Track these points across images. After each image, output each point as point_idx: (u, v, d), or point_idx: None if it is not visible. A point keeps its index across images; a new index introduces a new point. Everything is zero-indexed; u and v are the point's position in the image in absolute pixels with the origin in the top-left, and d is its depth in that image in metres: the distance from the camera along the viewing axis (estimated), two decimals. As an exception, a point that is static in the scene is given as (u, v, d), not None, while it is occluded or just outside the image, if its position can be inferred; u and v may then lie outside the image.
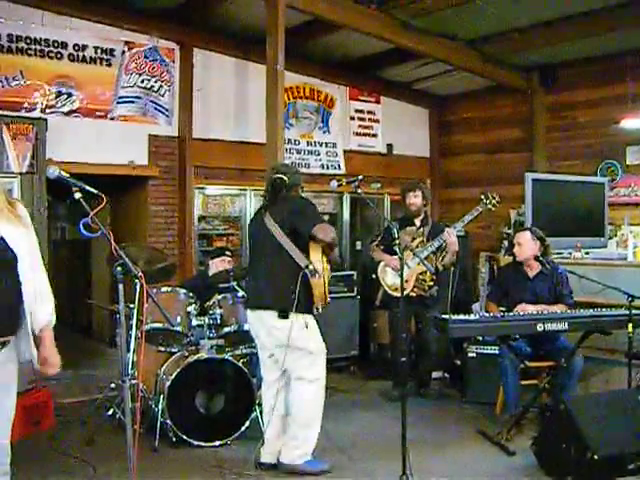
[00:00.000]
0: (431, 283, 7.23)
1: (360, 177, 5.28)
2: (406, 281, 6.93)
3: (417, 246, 7.14)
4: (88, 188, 3.40)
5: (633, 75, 9.10)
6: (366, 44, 9.31)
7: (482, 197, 7.19)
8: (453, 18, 8.38)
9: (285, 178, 5.25)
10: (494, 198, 7.14)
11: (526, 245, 6.42)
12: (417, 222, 7.33)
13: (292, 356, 5.06)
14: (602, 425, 4.84)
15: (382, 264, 7.26)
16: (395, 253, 6.79)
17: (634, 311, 5.57)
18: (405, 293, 6.79)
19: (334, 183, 5.34)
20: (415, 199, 7.32)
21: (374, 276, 7.43)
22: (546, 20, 8.49)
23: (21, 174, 7.55)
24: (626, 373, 5.75)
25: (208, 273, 6.92)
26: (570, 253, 8.09)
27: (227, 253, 7.05)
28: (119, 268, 3.36)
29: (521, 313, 5.96)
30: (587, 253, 8.14)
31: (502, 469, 5.30)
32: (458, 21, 8.53)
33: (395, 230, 5.09)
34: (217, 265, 6.89)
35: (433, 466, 5.31)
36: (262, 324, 5.14)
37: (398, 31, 8.55)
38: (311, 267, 4.96)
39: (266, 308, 5.11)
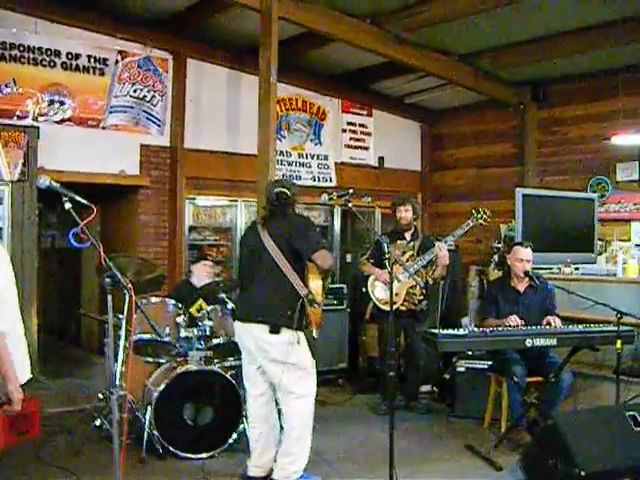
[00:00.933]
0: (421, 297, 7.23)
1: (350, 191, 5.27)
2: (396, 295, 6.93)
3: (407, 260, 7.14)
4: (78, 198, 3.39)
5: (625, 92, 9.13)
6: (359, 57, 9.34)
7: (473, 211, 7.20)
8: (446, 32, 8.43)
9: (288, 193, 5.20)
10: (485, 213, 7.14)
11: (530, 260, 6.43)
12: (407, 236, 7.34)
13: (284, 371, 5.04)
14: (590, 441, 4.83)
15: (372, 278, 7.24)
16: (385, 267, 6.83)
17: (622, 327, 5.58)
18: (395, 307, 6.79)
19: (325, 197, 5.33)
20: (406, 213, 7.33)
21: (364, 290, 7.42)
22: (539, 36, 8.53)
23: (12, 182, 7.55)
24: (614, 389, 5.74)
25: (192, 279, 6.92)
26: (559, 268, 8.11)
27: (208, 257, 7.11)
28: (108, 279, 3.35)
29: (512, 325, 5.96)
30: (577, 269, 8.15)
31: (490, 484, 5.30)
32: (451, 36, 8.58)
33: (385, 244, 5.09)
34: (200, 269, 6.90)
35: (420, 480, 5.31)
36: (251, 337, 5.09)
37: (391, 45, 8.58)
38: (310, 297, 4.95)
39: (257, 322, 5.05)
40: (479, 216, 7.14)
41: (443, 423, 7.04)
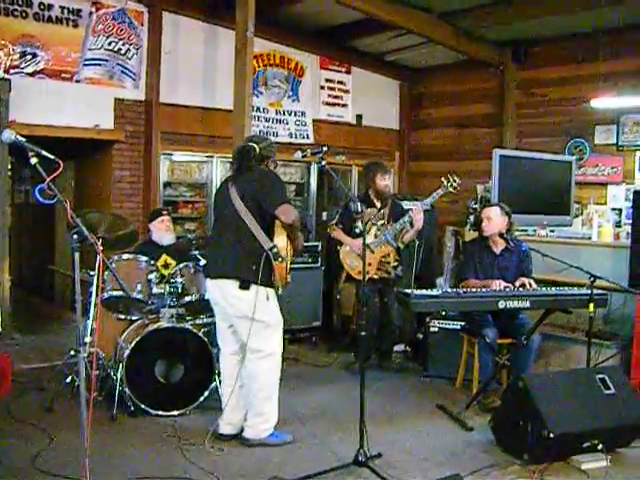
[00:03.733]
0: (395, 264, 7.21)
1: (325, 148, 5.20)
2: (369, 264, 6.89)
3: (379, 229, 7.11)
4: (44, 153, 3.32)
5: (605, 54, 9.07)
6: (338, 13, 9.20)
7: (443, 179, 7.12)
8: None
9: (256, 147, 5.13)
10: (455, 181, 7.05)
11: (495, 220, 6.42)
12: (377, 204, 7.28)
13: (252, 328, 5.02)
14: (559, 403, 4.87)
15: (344, 247, 7.19)
16: (355, 234, 6.82)
17: (595, 291, 5.58)
18: (368, 277, 6.78)
19: (298, 154, 5.29)
20: (389, 181, 7.28)
21: (337, 258, 7.38)
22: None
23: (-18, 136, 7.41)
24: (586, 352, 5.77)
25: (153, 236, 6.82)
26: (535, 230, 8.12)
27: (164, 212, 6.89)
28: (75, 236, 3.29)
29: (495, 289, 5.95)
30: (552, 231, 8.17)
31: (460, 444, 5.32)
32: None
33: (358, 204, 5.04)
34: (158, 227, 6.78)
35: (391, 440, 5.33)
36: (222, 293, 5.08)
37: (371, 1, 8.46)
38: (275, 250, 4.93)
39: (227, 277, 5.05)
40: (449, 184, 7.05)
41: (415, 383, 7.09)
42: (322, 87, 10.75)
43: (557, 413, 4.77)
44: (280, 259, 4.93)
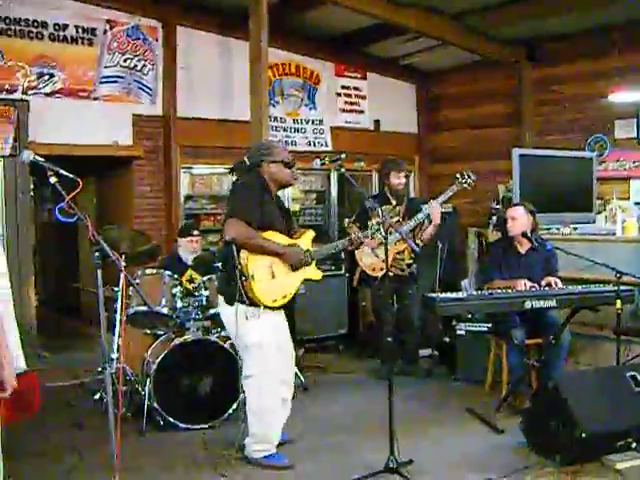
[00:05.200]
0: (410, 261, 7.17)
1: (343, 155, 5.19)
2: (382, 261, 6.87)
3: (394, 225, 7.07)
4: (63, 172, 3.33)
5: (621, 49, 9.01)
6: (351, 19, 9.20)
7: (457, 176, 7.08)
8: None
9: (246, 160, 4.99)
10: (469, 177, 7.02)
11: (520, 220, 6.36)
12: (393, 200, 7.25)
13: (237, 346, 5.04)
14: (591, 402, 4.82)
15: None
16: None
17: (622, 287, 5.53)
18: (382, 273, 6.74)
19: (317, 162, 5.28)
20: (403, 179, 7.26)
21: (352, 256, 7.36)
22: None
23: (3, 157, 7.51)
24: (615, 349, 5.71)
25: (179, 251, 6.85)
26: (558, 228, 8.05)
27: (194, 233, 6.86)
28: (97, 253, 3.30)
29: (521, 289, 5.90)
30: (575, 229, 8.09)
31: (491, 448, 5.28)
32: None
33: (376, 206, 5.01)
34: (186, 246, 6.79)
35: (421, 445, 5.30)
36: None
37: (383, 5, 8.44)
38: (239, 267, 4.71)
39: (219, 293, 5.06)
40: (463, 181, 7.03)
41: (444, 387, 7.05)
42: (338, 94, 10.76)
43: (589, 412, 4.71)
44: (244, 277, 4.70)
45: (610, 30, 9.12)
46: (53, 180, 3.33)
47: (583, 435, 4.56)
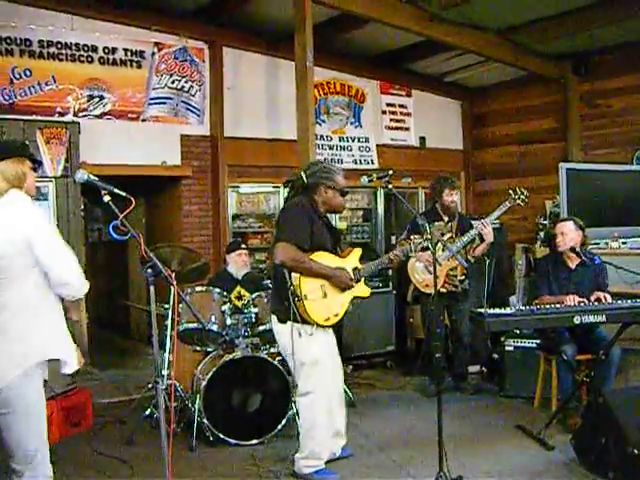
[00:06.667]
0: (462, 277, 7.14)
1: (390, 172, 5.20)
2: (436, 277, 6.84)
3: (447, 241, 7.06)
4: (116, 191, 3.40)
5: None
6: (395, 37, 9.28)
7: (510, 192, 7.05)
8: (482, 8, 8.30)
9: (303, 177, 5.02)
10: (522, 193, 6.98)
11: (569, 235, 6.29)
12: (445, 217, 7.24)
13: (292, 363, 5.03)
14: (642, 418, 4.76)
15: (412, 260, 7.08)
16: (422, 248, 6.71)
17: (673, 301, 5.46)
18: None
19: (365, 179, 5.27)
20: (455, 196, 7.25)
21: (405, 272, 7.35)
22: (577, 7, 8.37)
23: (55, 178, 7.67)
24: (666, 365, 5.64)
25: (228, 268, 6.90)
26: (607, 243, 7.98)
27: (242, 246, 6.95)
28: (149, 270, 3.35)
29: (570, 304, 5.85)
30: (624, 243, 8.01)
31: (542, 464, 5.23)
32: (488, 11, 8.45)
33: (426, 224, 5.00)
34: (235, 260, 6.84)
35: (471, 462, 5.25)
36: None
37: (427, 23, 8.48)
38: (292, 289, 4.76)
39: (271, 312, 5.11)
40: (517, 197, 6.99)
41: (493, 403, 6.99)
42: (384, 112, 10.81)
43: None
44: (297, 298, 4.75)
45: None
46: (107, 199, 3.40)
47: (635, 452, 4.50)
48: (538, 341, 6.81)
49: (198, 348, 6.38)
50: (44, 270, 3.41)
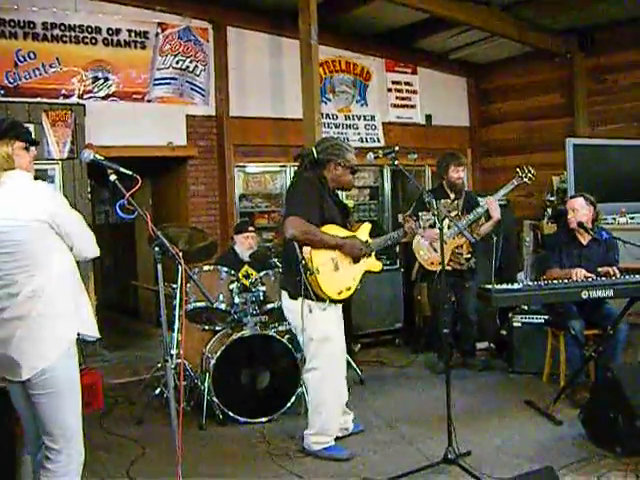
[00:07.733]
0: (468, 255, 7.12)
1: (396, 148, 5.18)
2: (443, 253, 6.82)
3: (451, 220, 7.03)
4: (122, 170, 3.40)
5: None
6: (400, 14, 9.21)
7: (517, 170, 7.01)
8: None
9: (314, 152, 5.01)
10: (529, 171, 6.93)
11: (581, 211, 6.26)
12: (451, 194, 7.20)
13: (301, 339, 5.04)
14: (651, 392, 4.76)
15: (417, 238, 6.95)
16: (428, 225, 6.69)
17: (681, 276, 5.45)
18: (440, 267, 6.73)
19: (371, 156, 5.24)
20: (462, 172, 7.20)
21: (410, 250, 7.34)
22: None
23: (62, 160, 7.69)
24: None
25: (235, 247, 6.90)
26: (614, 218, 7.96)
27: (250, 228, 6.92)
28: (157, 248, 3.36)
29: (577, 279, 5.83)
30: (632, 218, 7.99)
31: (550, 439, 5.24)
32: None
33: (433, 200, 4.99)
34: (242, 242, 6.82)
35: (479, 438, 5.28)
36: (283, 303, 5.14)
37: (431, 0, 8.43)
38: (303, 262, 4.74)
39: (282, 288, 5.12)
40: (524, 175, 6.94)
41: (501, 379, 7.01)
42: (389, 89, 10.77)
43: (648, 403, 4.66)
44: (308, 272, 4.75)
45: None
46: (113, 178, 3.40)
47: (643, 425, 4.52)
48: (546, 317, 6.81)
49: (207, 327, 6.39)
50: (68, 244, 3.45)
